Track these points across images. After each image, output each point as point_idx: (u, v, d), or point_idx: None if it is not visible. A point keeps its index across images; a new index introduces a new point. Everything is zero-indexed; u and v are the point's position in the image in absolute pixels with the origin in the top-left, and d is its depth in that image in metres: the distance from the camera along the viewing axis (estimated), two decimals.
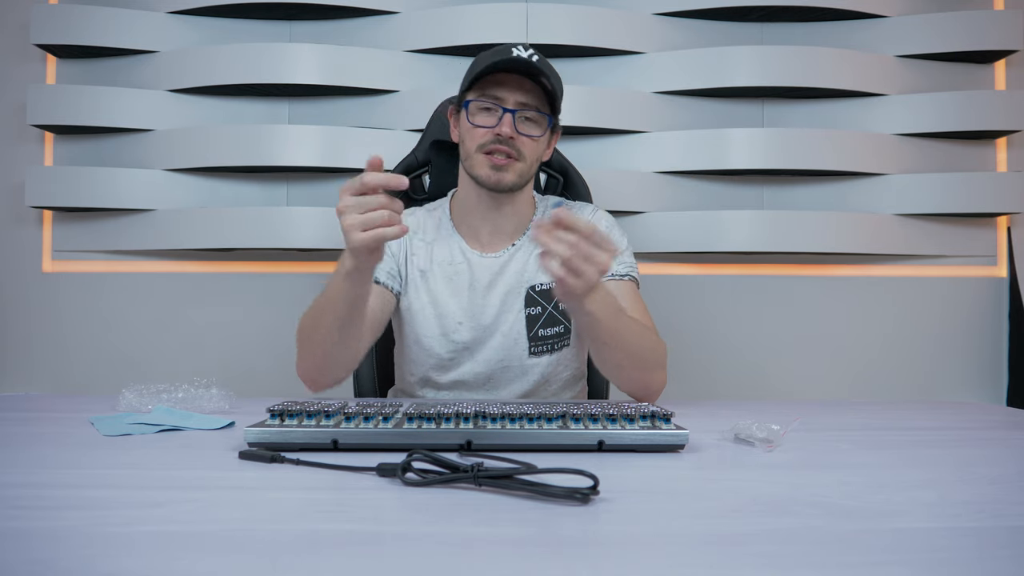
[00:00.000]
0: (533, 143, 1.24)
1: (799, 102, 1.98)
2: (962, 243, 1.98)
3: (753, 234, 1.90)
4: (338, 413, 0.80)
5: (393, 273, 1.29)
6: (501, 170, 1.23)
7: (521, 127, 1.22)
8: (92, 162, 1.93)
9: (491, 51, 1.24)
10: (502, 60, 1.18)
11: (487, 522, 0.54)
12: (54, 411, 1.03)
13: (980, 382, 2.01)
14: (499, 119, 1.21)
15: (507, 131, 1.20)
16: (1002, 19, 1.92)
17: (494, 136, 1.21)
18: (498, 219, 1.30)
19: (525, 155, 1.24)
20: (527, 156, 1.24)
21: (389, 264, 1.28)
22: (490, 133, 1.22)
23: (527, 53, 1.20)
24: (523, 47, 1.22)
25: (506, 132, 1.20)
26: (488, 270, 1.29)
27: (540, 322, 1.28)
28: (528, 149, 1.24)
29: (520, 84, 1.21)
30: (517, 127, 1.22)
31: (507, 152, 1.22)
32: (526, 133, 1.23)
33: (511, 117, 1.21)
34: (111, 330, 1.95)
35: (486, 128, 1.22)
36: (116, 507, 0.56)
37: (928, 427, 0.99)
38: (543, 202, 1.38)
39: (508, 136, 1.20)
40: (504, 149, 1.22)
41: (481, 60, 1.24)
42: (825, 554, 0.48)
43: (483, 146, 1.23)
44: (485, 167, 1.23)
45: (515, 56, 1.18)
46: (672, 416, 0.80)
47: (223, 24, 1.94)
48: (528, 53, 1.21)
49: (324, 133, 1.87)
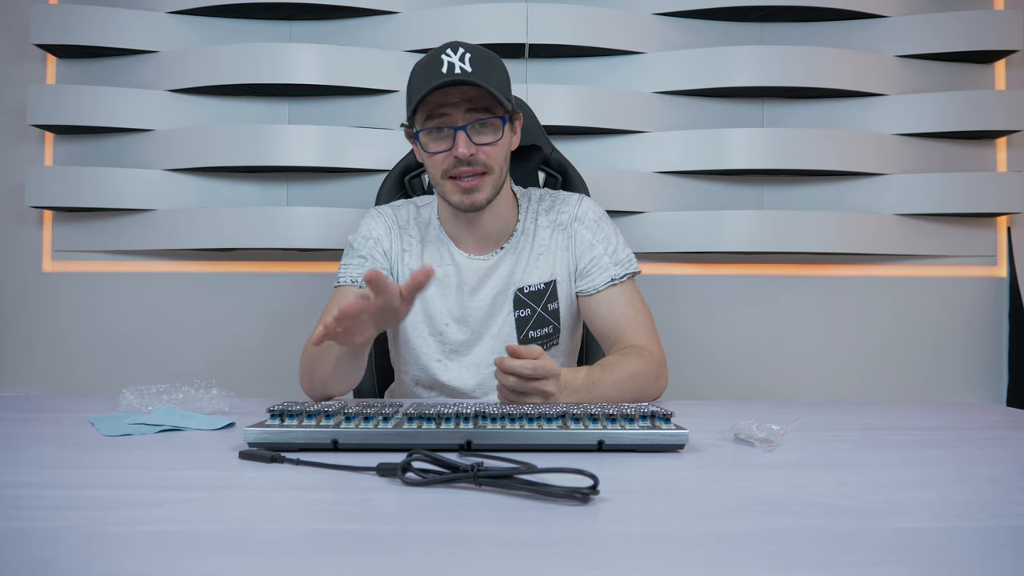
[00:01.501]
0: (495, 148, 1.19)
1: (799, 102, 1.98)
2: (962, 243, 1.97)
3: (753, 234, 1.90)
4: (338, 413, 0.80)
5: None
6: (472, 192, 1.18)
7: (478, 137, 1.17)
8: (92, 162, 1.93)
9: (423, 65, 1.17)
10: (437, 83, 1.11)
11: (487, 522, 0.54)
12: (54, 411, 1.03)
13: (980, 382, 2.01)
14: (453, 140, 1.15)
15: (464, 152, 1.15)
16: (1002, 19, 1.92)
17: (454, 160, 1.16)
18: (480, 228, 1.28)
19: (492, 165, 1.19)
20: (494, 165, 1.19)
21: (379, 267, 1.27)
22: (449, 157, 1.17)
23: (458, 55, 1.13)
24: (452, 50, 1.14)
25: (463, 154, 1.15)
26: (476, 272, 1.28)
27: (530, 324, 1.28)
28: (492, 157, 1.19)
29: (463, 93, 1.14)
30: (473, 139, 1.16)
31: (472, 172, 1.17)
32: (485, 142, 1.17)
33: (464, 135, 1.15)
34: (111, 330, 1.95)
35: (443, 153, 1.17)
36: (116, 507, 0.56)
37: (928, 427, 0.99)
38: (525, 197, 1.34)
39: (468, 156, 1.15)
40: (468, 171, 1.17)
41: (416, 81, 1.17)
42: (825, 554, 0.48)
43: (446, 171, 1.18)
44: (456, 193, 1.19)
45: (447, 71, 1.12)
46: (672, 416, 0.80)
47: (223, 24, 1.94)
48: (459, 55, 1.14)
49: (324, 133, 1.87)
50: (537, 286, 1.28)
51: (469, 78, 1.12)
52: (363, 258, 1.28)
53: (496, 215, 1.27)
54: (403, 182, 1.54)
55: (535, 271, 1.29)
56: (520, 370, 0.97)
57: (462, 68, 1.13)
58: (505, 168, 1.24)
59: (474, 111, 1.16)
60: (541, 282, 1.29)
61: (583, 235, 1.29)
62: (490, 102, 1.16)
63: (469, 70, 1.13)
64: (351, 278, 1.26)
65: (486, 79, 1.14)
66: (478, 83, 1.12)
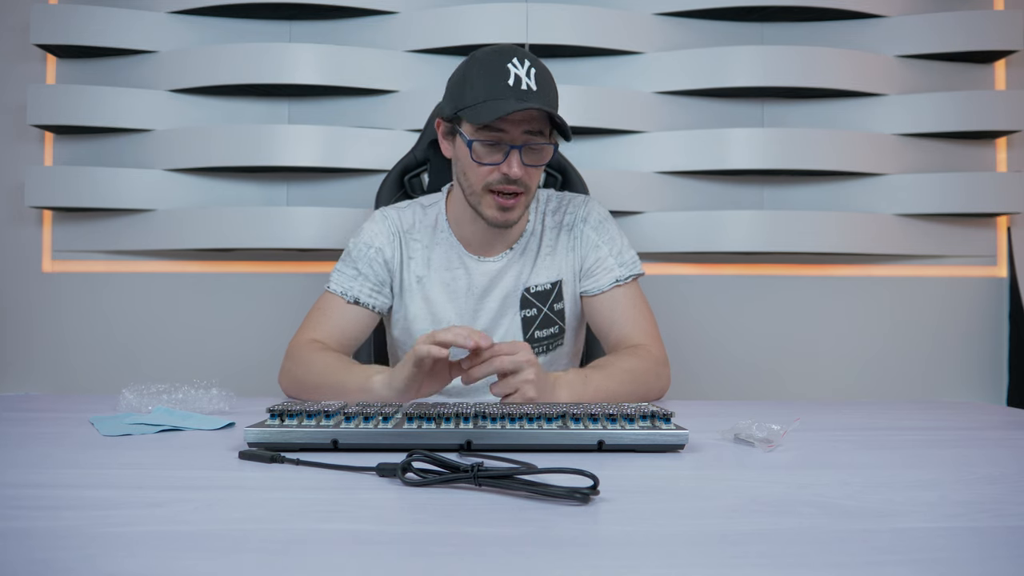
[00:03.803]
0: (538, 171, 1.19)
1: (799, 102, 1.98)
2: (962, 243, 1.98)
3: (753, 234, 1.90)
4: (338, 413, 0.80)
5: (376, 289, 1.26)
6: (509, 210, 1.17)
7: (528, 158, 1.15)
8: (92, 162, 1.93)
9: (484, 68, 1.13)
10: (512, 108, 1.08)
11: (487, 522, 0.54)
12: (54, 411, 1.03)
13: (980, 382, 2.01)
14: (505, 155, 1.13)
15: (517, 172, 1.13)
16: (1002, 19, 1.92)
17: (502, 175, 1.14)
18: (495, 234, 1.27)
19: (531, 186, 1.18)
20: (532, 187, 1.19)
21: (372, 281, 1.25)
22: (497, 172, 1.14)
23: (524, 69, 1.11)
24: (519, 60, 1.12)
25: (516, 173, 1.13)
26: (485, 275, 1.28)
27: (536, 324, 1.28)
28: (534, 179, 1.18)
29: (526, 111, 1.11)
30: (524, 160, 1.14)
31: (514, 191, 1.16)
32: (532, 164, 1.16)
33: (518, 155, 1.13)
34: (111, 330, 1.95)
35: (492, 166, 1.15)
36: (116, 507, 0.56)
37: (928, 427, 0.99)
38: (534, 199, 1.33)
39: (519, 176, 1.13)
40: (512, 189, 1.15)
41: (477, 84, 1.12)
42: (825, 554, 0.48)
43: (490, 184, 1.16)
44: (492, 208, 1.18)
45: (514, 85, 1.10)
46: (672, 416, 0.80)
47: (223, 24, 1.94)
48: (526, 68, 1.11)
49: (324, 133, 1.87)
50: (544, 286, 1.28)
51: (533, 101, 1.10)
52: (357, 271, 1.25)
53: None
54: (403, 182, 1.55)
55: (542, 271, 1.29)
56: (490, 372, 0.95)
57: (528, 85, 1.11)
58: (536, 189, 1.24)
59: (531, 133, 1.13)
60: (548, 282, 1.29)
61: (589, 236, 1.29)
62: (546, 126, 1.14)
63: (535, 89, 1.11)
64: (342, 289, 1.24)
65: (548, 98, 1.13)
66: (548, 111, 1.10)
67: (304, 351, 1.18)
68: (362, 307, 1.24)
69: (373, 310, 1.25)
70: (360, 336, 1.26)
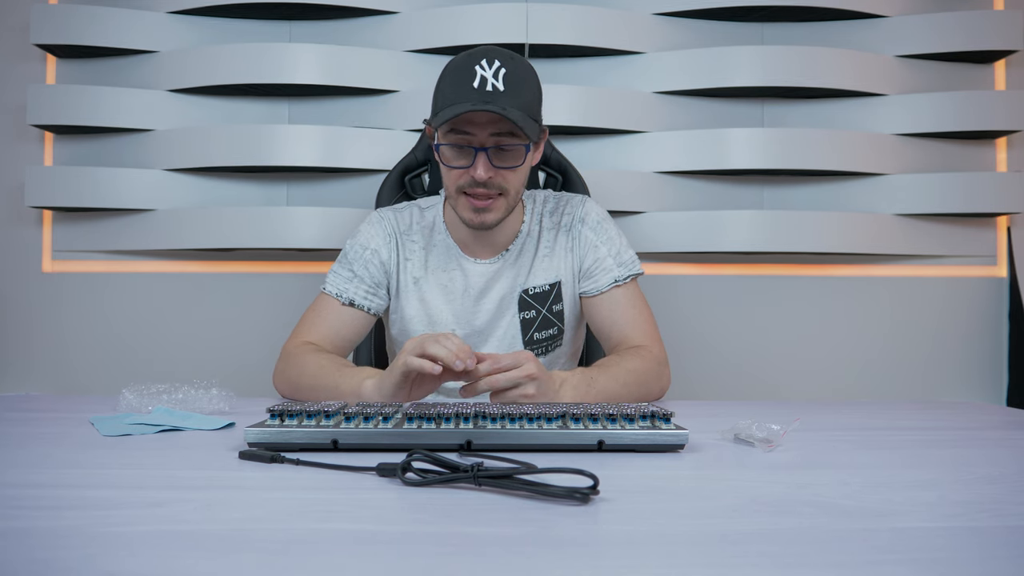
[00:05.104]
0: (514, 173, 1.16)
1: (799, 102, 1.98)
2: (962, 243, 1.98)
3: (753, 234, 1.90)
4: (338, 413, 0.80)
5: (371, 291, 1.25)
6: (484, 212, 1.16)
7: (498, 160, 1.13)
8: (92, 162, 1.93)
9: (454, 71, 1.12)
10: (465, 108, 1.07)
11: (487, 522, 0.54)
12: (54, 411, 1.03)
13: (980, 382, 2.01)
14: (473, 159, 1.12)
15: (482, 175, 1.12)
16: (1002, 19, 1.92)
17: (470, 178, 1.13)
18: (487, 235, 1.26)
19: (508, 188, 1.16)
20: (510, 188, 1.17)
21: (368, 283, 1.25)
22: (466, 174, 1.14)
23: (492, 70, 1.09)
24: (487, 62, 1.10)
25: (481, 176, 1.12)
26: (483, 277, 1.27)
27: (535, 326, 1.28)
28: (510, 181, 1.16)
29: (490, 114, 1.09)
30: (494, 161, 1.12)
31: (487, 194, 1.15)
32: (505, 165, 1.14)
33: (485, 157, 1.12)
34: (111, 330, 1.95)
35: (461, 169, 1.14)
36: (116, 507, 0.56)
37: (927, 427, 0.99)
38: (530, 199, 1.33)
39: (485, 179, 1.12)
40: (483, 192, 1.14)
41: (445, 88, 1.12)
42: (825, 554, 0.48)
43: (461, 187, 1.16)
44: (467, 210, 1.17)
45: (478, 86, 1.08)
46: (672, 416, 0.80)
47: (223, 24, 1.94)
48: (494, 69, 1.09)
49: (324, 133, 1.87)
50: (542, 287, 1.28)
51: (497, 102, 1.08)
52: (352, 273, 1.25)
53: (503, 224, 1.26)
54: (403, 182, 1.55)
55: (540, 273, 1.28)
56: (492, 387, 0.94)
57: (494, 86, 1.09)
58: (522, 190, 1.21)
59: (498, 135, 1.12)
60: (546, 283, 1.28)
61: (587, 237, 1.29)
62: (516, 127, 1.12)
63: (502, 89, 1.09)
64: (337, 291, 1.24)
65: (517, 99, 1.10)
66: (505, 114, 1.07)
67: (298, 352, 1.18)
68: (357, 309, 1.24)
69: (368, 312, 1.25)
70: (355, 338, 1.26)
